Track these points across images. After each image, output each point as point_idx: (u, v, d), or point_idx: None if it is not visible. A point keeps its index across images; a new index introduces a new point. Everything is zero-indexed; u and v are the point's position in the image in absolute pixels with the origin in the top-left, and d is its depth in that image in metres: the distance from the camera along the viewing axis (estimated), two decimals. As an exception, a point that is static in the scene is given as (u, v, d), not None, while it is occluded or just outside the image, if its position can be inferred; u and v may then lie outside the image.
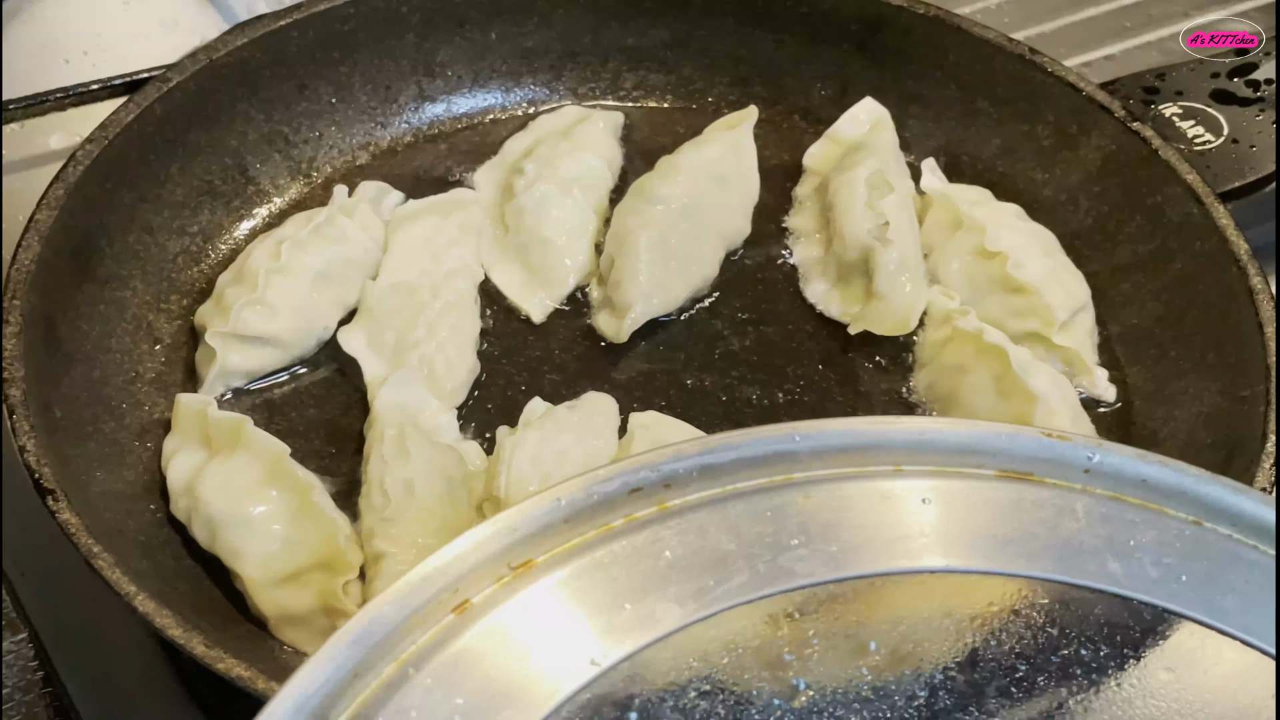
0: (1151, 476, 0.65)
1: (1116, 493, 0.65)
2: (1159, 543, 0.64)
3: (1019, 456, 0.65)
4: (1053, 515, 0.64)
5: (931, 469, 0.65)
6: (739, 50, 1.24)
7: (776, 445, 0.63)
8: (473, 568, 0.58)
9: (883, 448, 0.64)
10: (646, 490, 0.61)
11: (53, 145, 1.19)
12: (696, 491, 0.62)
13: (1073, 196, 1.15)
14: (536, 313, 1.09)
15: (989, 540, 0.63)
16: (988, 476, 0.64)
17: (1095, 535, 0.63)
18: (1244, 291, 0.99)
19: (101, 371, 1.00)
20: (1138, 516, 0.64)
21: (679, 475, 0.62)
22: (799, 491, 0.63)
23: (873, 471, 0.64)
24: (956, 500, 0.64)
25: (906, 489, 0.64)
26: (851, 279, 1.10)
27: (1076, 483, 0.65)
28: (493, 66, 1.24)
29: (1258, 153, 1.14)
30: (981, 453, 0.65)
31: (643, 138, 1.23)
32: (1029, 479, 0.65)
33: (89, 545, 0.82)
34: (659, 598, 0.58)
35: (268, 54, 1.13)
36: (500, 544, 0.59)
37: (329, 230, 1.07)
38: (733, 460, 0.63)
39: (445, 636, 0.57)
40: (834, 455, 0.64)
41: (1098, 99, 1.12)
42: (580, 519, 0.60)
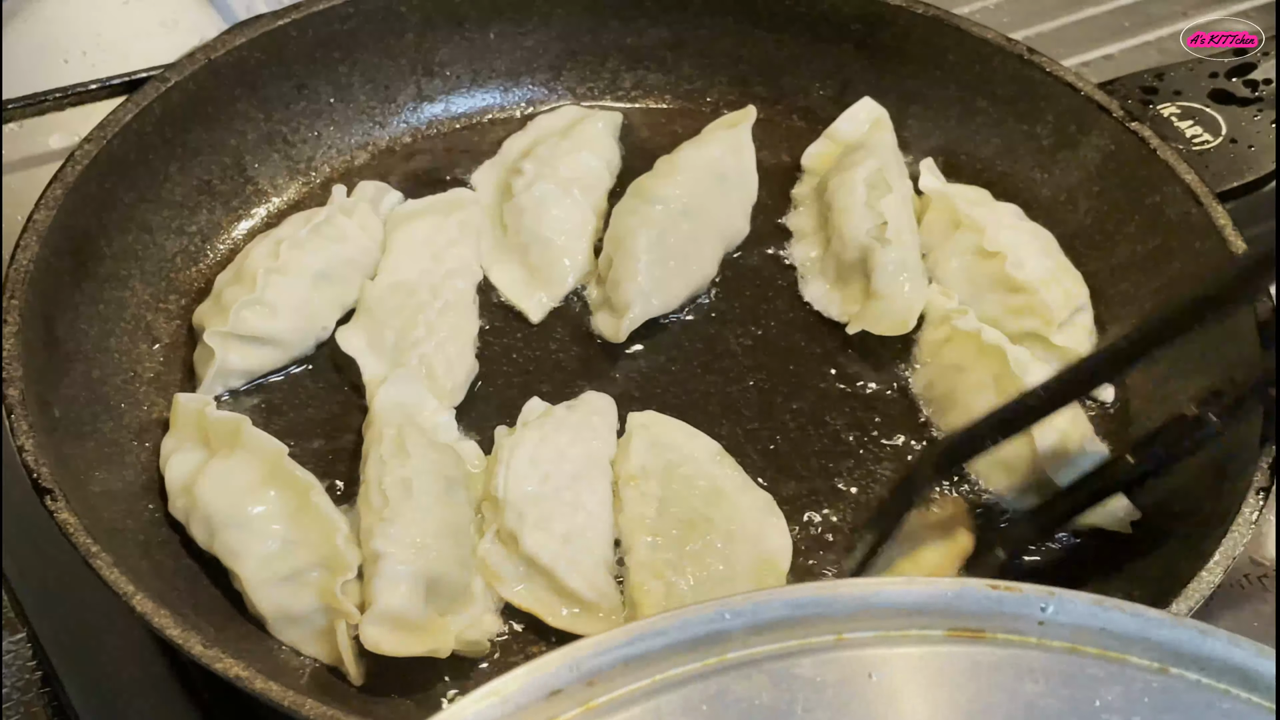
0: (1110, 624, 0.61)
1: (1074, 644, 0.61)
2: (1125, 698, 0.60)
3: (967, 614, 0.61)
4: (1010, 678, 0.60)
5: (875, 634, 0.61)
6: (738, 50, 1.24)
7: (706, 626, 0.59)
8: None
9: (822, 617, 0.60)
10: (568, 691, 0.57)
11: (52, 145, 1.19)
12: (624, 685, 0.58)
13: (1071, 196, 1.15)
14: (535, 312, 1.09)
15: (947, 714, 0.60)
16: (937, 638, 0.61)
17: (1057, 697, 0.60)
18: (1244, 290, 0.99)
19: (100, 371, 1.00)
20: (1100, 670, 0.61)
21: (603, 670, 0.57)
22: (735, 675, 0.59)
23: (814, 645, 0.60)
24: (906, 671, 0.60)
25: (851, 661, 0.60)
26: (850, 279, 1.10)
27: (1031, 636, 0.61)
28: (492, 66, 1.24)
29: (1256, 152, 1.14)
30: (927, 613, 0.61)
31: (641, 137, 1.23)
32: (981, 637, 0.61)
33: (87, 545, 0.82)
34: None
35: (267, 54, 1.13)
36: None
37: (328, 230, 1.07)
38: (661, 647, 0.58)
39: None
40: (769, 630, 0.60)
41: (1096, 99, 1.12)
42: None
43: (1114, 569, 0.94)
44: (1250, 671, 0.61)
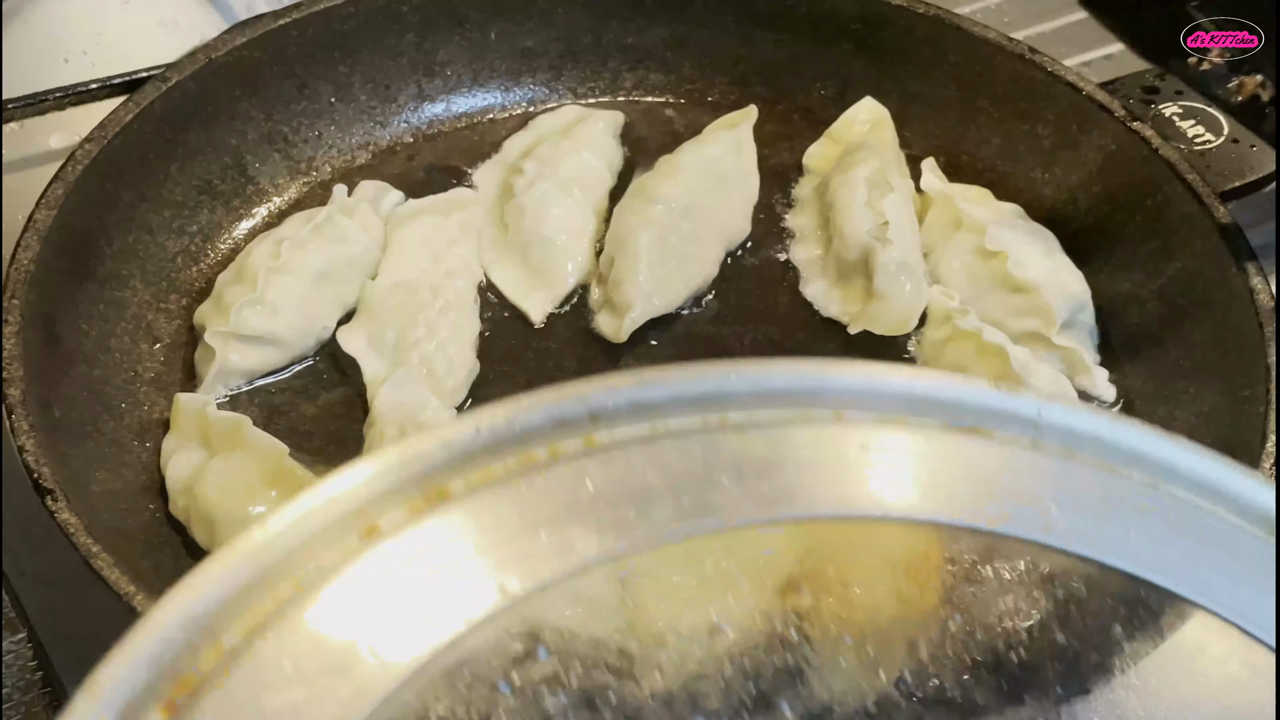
0: (1104, 435, 0.62)
1: (1069, 448, 0.62)
2: (1104, 500, 0.61)
3: (967, 410, 0.62)
4: (997, 468, 0.61)
5: (875, 417, 0.62)
6: (739, 49, 1.24)
7: (712, 384, 0.60)
8: (383, 492, 0.55)
9: (824, 393, 0.61)
10: (572, 423, 0.58)
11: (52, 145, 1.19)
12: (625, 426, 0.59)
13: (1073, 196, 1.15)
14: (536, 312, 1.09)
15: (928, 490, 0.60)
16: (933, 428, 0.62)
17: (1042, 490, 0.61)
18: (1244, 291, 0.99)
19: (101, 371, 1.00)
20: (1089, 474, 0.61)
21: (607, 410, 0.59)
22: (733, 433, 0.60)
23: (813, 416, 0.61)
24: (897, 449, 0.61)
25: (846, 436, 0.61)
26: (851, 279, 1.10)
27: (1027, 436, 0.62)
28: (492, 66, 1.24)
29: (1258, 152, 1.13)
30: (928, 403, 0.62)
31: (642, 137, 1.23)
32: (976, 432, 0.62)
33: (88, 545, 0.82)
34: (577, 528, 0.56)
35: (267, 53, 1.13)
36: (414, 469, 0.56)
37: (329, 230, 1.07)
38: (666, 397, 0.60)
39: (347, 560, 0.54)
40: (772, 398, 0.61)
41: (1098, 98, 1.12)
42: (500, 448, 0.57)
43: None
44: (1245, 497, 0.62)
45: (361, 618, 0.52)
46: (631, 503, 0.57)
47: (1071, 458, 0.62)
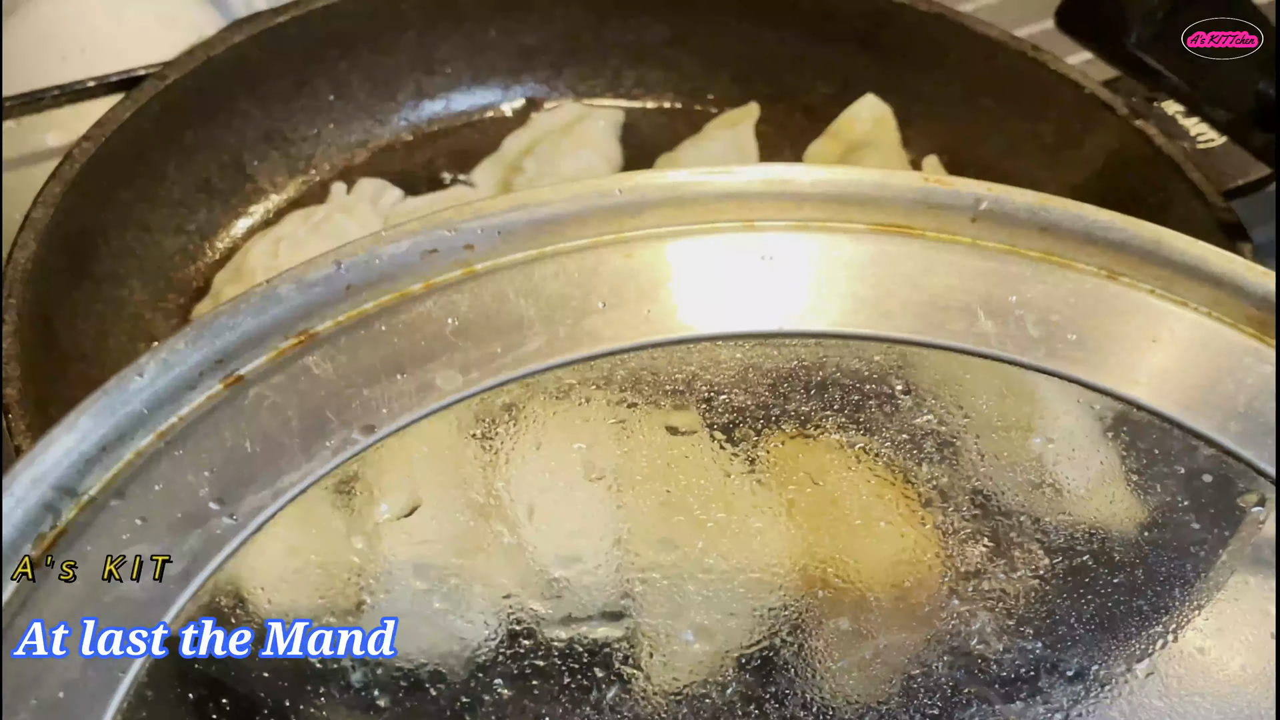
0: (1053, 222, 0.57)
1: (1010, 245, 0.57)
2: (1048, 298, 0.55)
3: (894, 207, 0.56)
4: (922, 271, 0.56)
5: (791, 223, 0.56)
6: (740, 47, 1.24)
7: (596, 200, 0.56)
8: (243, 339, 0.53)
9: (732, 198, 0.56)
10: (444, 253, 0.55)
11: (49, 143, 1.18)
12: (505, 253, 0.55)
13: (1075, 194, 1.12)
14: (536, 311, 1.09)
15: (839, 300, 0.55)
16: (858, 231, 0.56)
17: (969, 292, 0.55)
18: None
19: (99, 370, 0.99)
20: (1029, 270, 0.56)
21: (480, 235, 0.55)
22: (620, 250, 0.55)
23: (719, 227, 0.56)
24: (808, 257, 0.55)
25: (750, 244, 0.56)
26: (853, 277, 1.10)
27: (964, 235, 0.57)
28: (492, 64, 1.23)
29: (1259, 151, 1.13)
30: (850, 203, 0.56)
31: (643, 135, 1.23)
32: (907, 232, 0.57)
33: (86, 545, 0.81)
34: (440, 365, 0.53)
35: (266, 51, 1.12)
36: (274, 314, 0.53)
37: (327, 228, 1.07)
38: (547, 218, 0.55)
39: (209, 410, 0.52)
40: (670, 209, 0.56)
41: (1101, 97, 1.12)
42: (365, 286, 0.54)
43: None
44: (1215, 277, 0.56)
45: (217, 464, 0.50)
46: (500, 336, 0.53)
47: (1013, 253, 0.57)
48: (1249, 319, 0.56)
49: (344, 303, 0.54)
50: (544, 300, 0.54)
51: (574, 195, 0.56)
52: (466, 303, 0.54)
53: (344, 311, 0.54)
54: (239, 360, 0.53)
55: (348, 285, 0.54)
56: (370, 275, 0.55)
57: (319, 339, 0.53)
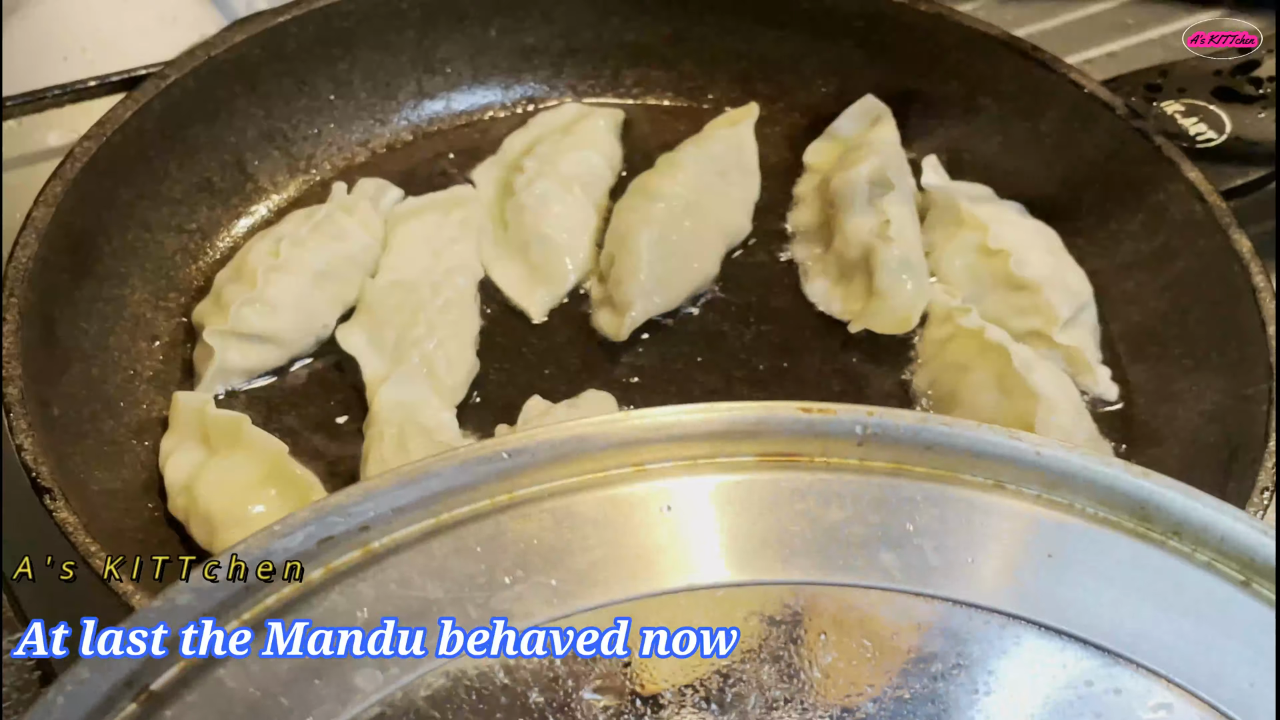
0: (936, 441, 0.56)
1: (898, 464, 0.56)
2: (941, 521, 0.55)
3: (780, 437, 0.56)
4: (817, 504, 0.55)
5: (682, 464, 0.56)
6: (740, 47, 1.24)
7: (484, 466, 0.55)
8: (143, 659, 0.51)
9: (619, 446, 0.56)
10: (341, 537, 0.54)
11: (51, 142, 1.19)
12: (401, 529, 0.54)
13: (1075, 194, 1.14)
14: (536, 310, 1.09)
15: (742, 545, 0.54)
16: (747, 465, 0.56)
17: (866, 523, 0.55)
18: (1246, 290, 0.99)
19: (99, 369, 0.99)
20: (919, 493, 0.55)
21: (375, 515, 0.54)
22: (516, 514, 0.55)
23: (610, 476, 0.56)
24: (704, 502, 0.55)
25: (646, 495, 0.55)
26: (852, 277, 1.10)
27: (851, 459, 0.56)
28: (493, 63, 1.23)
29: (1260, 150, 1.13)
30: (735, 438, 0.56)
31: (643, 135, 1.23)
32: (794, 461, 0.56)
33: (87, 544, 0.81)
34: (355, 666, 0.52)
35: (267, 50, 1.13)
36: (173, 621, 0.52)
37: (328, 228, 1.07)
38: (440, 490, 0.55)
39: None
40: (557, 465, 0.55)
41: (1100, 96, 1.12)
42: (258, 586, 0.53)
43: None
44: (1100, 483, 0.56)
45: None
46: (414, 623, 0.52)
47: (901, 473, 0.56)
48: (1132, 515, 0.57)
49: (238, 607, 0.53)
50: (449, 579, 0.53)
51: (462, 463, 0.56)
52: (371, 592, 0.53)
53: (247, 610, 0.53)
54: (146, 676, 0.51)
55: (244, 588, 0.53)
56: (262, 578, 0.54)
57: (226, 647, 0.52)
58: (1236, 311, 0.99)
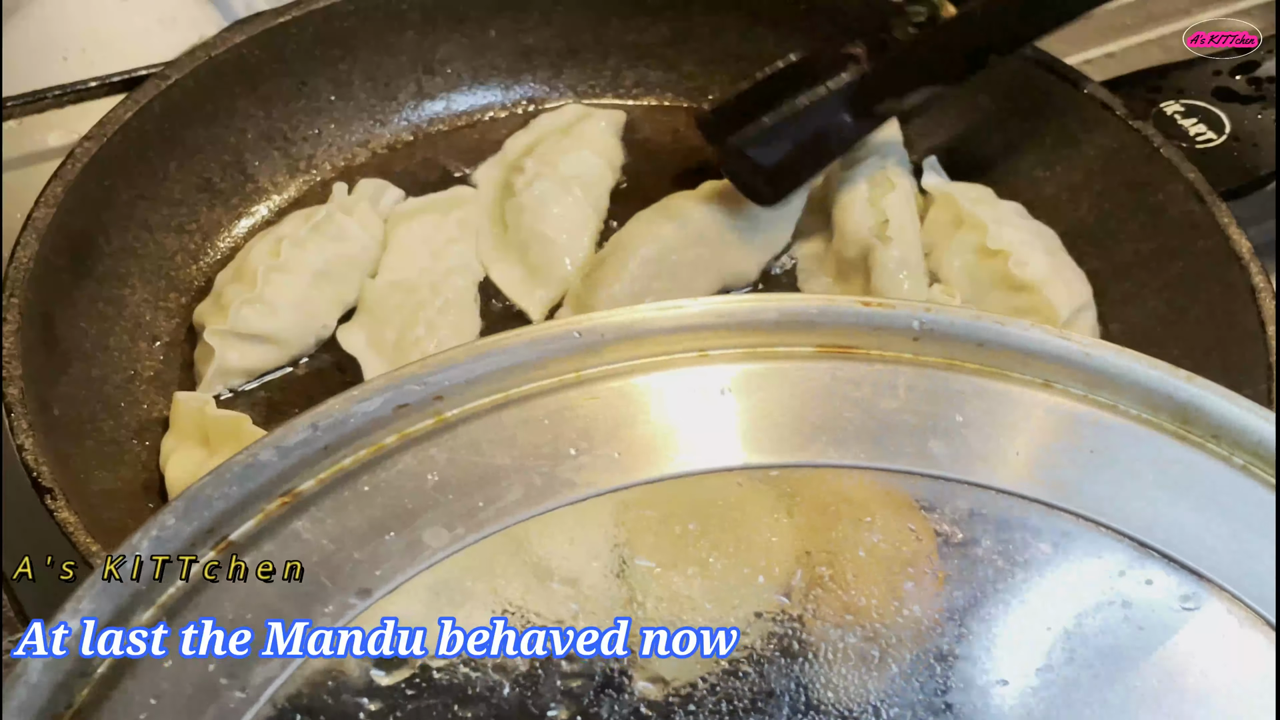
0: (988, 338, 0.58)
1: (950, 359, 0.58)
2: (989, 414, 0.57)
3: (838, 329, 0.58)
4: (870, 394, 0.57)
5: (742, 351, 0.58)
6: (740, 47, 1.24)
7: (554, 344, 0.58)
8: (228, 506, 0.54)
9: (684, 330, 0.58)
10: (416, 405, 0.56)
11: (51, 143, 1.18)
12: (473, 400, 0.57)
13: (1074, 194, 1.14)
14: (535, 310, 1.09)
15: (792, 429, 0.56)
16: (805, 355, 0.58)
17: (917, 413, 0.57)
18: (1246, 290, 0.99)
19: (100, 370, 0.99)
20: (969, 386, 0.58)
21: (449, 386, 0.57)
22: (583, 391, 0.57)
23: (674, 359, 0.58)
24: (761, 386, 0.58)
25: (707, 377, 0.58)
26: (851, 276, 1.10)
27: (906, 353, 0.59)
28: (493, 64, 1.23)
29: (1260, 150, 1.13)
30: (795, 328, 0.58)
31: (643, 135, 1.23)
32: (851, 353, 0.59)
33: (87, 544, 0.82)
34: (425, 522, 0.54)
35: (267, 51, 1.13)
36: (256, 479, 0.55)
37: (328, 228, 1.07)
38: (511, 365, 0.57)
39: (197, 584, 0.53)
40: (623, 346, 0.58)
41: (1099, 97, 1.12)
42: (342, 444, 0.56)
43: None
44: (1144, 385, 0.59)
45: (220, 644, 0.52)
46: (479, 490, 0.55)
47: (953, 368, 0.59)
48: (1173, 418, 0.60)
49: (324, 462, 0.56)
50: (517, 449, 0.56)
51: (533, 340, 0.58)
52: (443, 456, 0.56)
53: (325, 469, 0.55)
54: (228, 527, 0.54)
55: (327, 444, 0.56)
56: (347, 432, 0.56)
57: (304, 500, 0.55)
58: (1236, 312, 0.99)
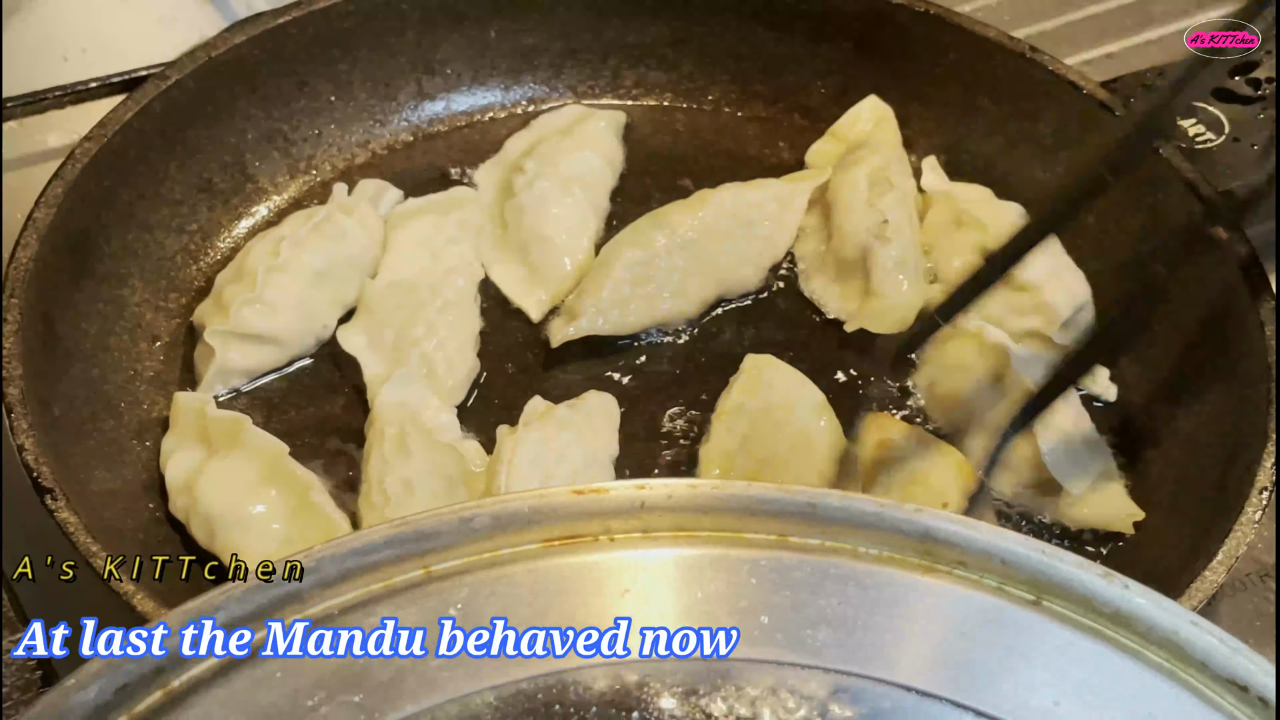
0: (713, 505, 0.58)
1: (682, 529, 0.58)
2: (715, 581, 0.57)
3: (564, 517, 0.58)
4: (601, 579, 0.57)
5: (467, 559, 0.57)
6: (740, 48, 1.24)
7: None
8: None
9: (397, 551, 0.57)
10: (136, 683, 0.52)
11: (51, 143, 1.19)
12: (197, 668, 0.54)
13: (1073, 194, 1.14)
14: (535, 311, 1.09)
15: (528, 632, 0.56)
16: (533, 551, 0.57)
17: (642, 595, 0.57)
18: (1245, 290, 0.99)
19: (100, 370, 0.99)
20: (704, 555, 0.58)
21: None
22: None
23: (393, 585, 0.56)
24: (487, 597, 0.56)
25: (436, 597, 0.56)
26: (850, 276, 1.10)
27: (635, 532, 0.58)
28: (493, 64, 1.23)
29: (1260, 151, 1.13)
30: (521, 523, 0.58)
31: (644, 136, 1.23)
32: (581, 541, 0.58)
33: (87, 544, 0.82)
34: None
35: (267, 52, 1.13)
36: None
37: (328, 228, 1.07)
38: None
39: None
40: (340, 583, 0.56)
41: (1099, 97, 1.12)
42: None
43: (1115, 569, 0.93)
44: (882, 528, 0.58)
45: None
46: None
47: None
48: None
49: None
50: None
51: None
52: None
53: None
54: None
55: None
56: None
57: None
58: (1235, 313, 0.99)
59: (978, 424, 1.00)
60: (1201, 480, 0.95)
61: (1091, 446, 0.99)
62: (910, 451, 0.97)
